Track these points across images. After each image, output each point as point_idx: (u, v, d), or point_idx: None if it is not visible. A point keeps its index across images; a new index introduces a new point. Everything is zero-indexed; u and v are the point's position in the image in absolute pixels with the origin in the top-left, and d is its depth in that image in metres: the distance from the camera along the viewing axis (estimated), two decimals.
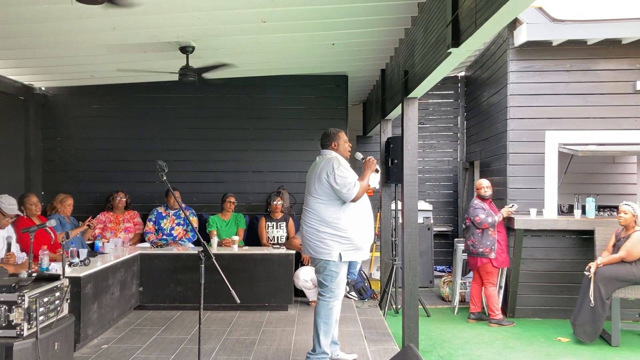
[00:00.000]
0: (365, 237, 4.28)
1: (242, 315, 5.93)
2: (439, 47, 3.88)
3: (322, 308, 4.22)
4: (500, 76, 7.27)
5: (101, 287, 5.08)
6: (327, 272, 4.20)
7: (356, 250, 4.23)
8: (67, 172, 7.68)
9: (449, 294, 7.66)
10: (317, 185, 4.22)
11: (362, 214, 4.28)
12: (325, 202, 4.19)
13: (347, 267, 4.32)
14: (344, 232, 4.16)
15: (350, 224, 4.18)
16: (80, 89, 7.68)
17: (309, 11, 4.85)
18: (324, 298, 4.23)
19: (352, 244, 4.19)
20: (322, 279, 4.24)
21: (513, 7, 2.71)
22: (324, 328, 4.20)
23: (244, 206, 7.55)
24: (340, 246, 4.16)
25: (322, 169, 4.22)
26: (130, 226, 6.94)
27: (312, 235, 4.23)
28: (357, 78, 7.82)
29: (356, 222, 4.21)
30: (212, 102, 7.75)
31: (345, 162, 4.32)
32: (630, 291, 5.69)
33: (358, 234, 4.21)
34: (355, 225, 4.20)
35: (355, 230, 4.20)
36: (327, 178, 4.15)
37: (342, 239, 4.16)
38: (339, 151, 4.40)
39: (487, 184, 6.70)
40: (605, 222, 6.38)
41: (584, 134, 6.75)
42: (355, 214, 4.22)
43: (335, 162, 4.21)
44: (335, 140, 4.40)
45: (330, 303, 4.22)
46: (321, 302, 4.24)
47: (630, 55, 6.75)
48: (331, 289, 4.21)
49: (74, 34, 5.28)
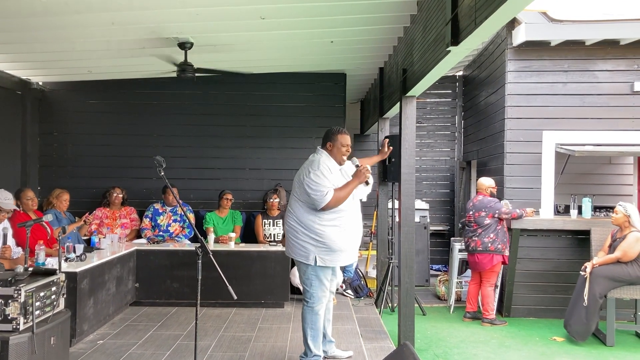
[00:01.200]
0: (345, 242, 4.08)
1: (238, 312, 5.93)
2: (438, 46, 3.88)
3: (307, 313, 4.12)
4: (498, 76, 7.28)
5: (97, 283, 5.08)
6: (307, 275, 4.09)
7: (333, 255, 4.04)
8: (64, 168, 7.66)
9: (445, 293, 7.67)
10: (297, 186, 4.12)
11: (343, 218, 4.07)
12: (303, 203, 4.06)
13: (329, 271, 4.17)
14: (320, 236, 4.00)
15: (327, 228, 4.01)
16: (78, 84, 7.65)
17: (308, 8, 4.85)
18: (308, 303, 4.12)
19: (328, 249, 4.01)
20: (303, 282, 4.15)
21: (513, 6, 2.70)
22: (311, 333, 4.13)
23: (241, 203, 7.54)
24: (316, 250, 4.01)
25: (301, 171, 4.12)
26: (126, 222, 6.93)
27: (291, 235, 4.13)
28: (356, 76, 7.82)
29: (334, 226, 4.03)
30: (209, 98, 7.74)
31: (330, 165, 4.11)
32: (626, 291, 5.71)
33: (335, 239, 4.02)
34: (333, 230, 4.02)
35: (333, 235, 4.01)
36: (302, 181, 4.03)
37: (318, 242, 4.01)
38: (333, 153, 4.17)
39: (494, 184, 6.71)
40: (602, 222, 6.40)
41: (581, 135, 6.77)
42: (335, 218, 4.03)
43: (314, 165, 4.05)
44: (331, 140, 4.17)
45: (314, 308, 4.11)
46: (305, 308, 4.14)
47: (628, 56, 6.77)
48: (312, 293, 4.10)
49: (71, 29, 5.25)
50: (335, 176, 4.09)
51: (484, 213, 6.45)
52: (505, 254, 6.45)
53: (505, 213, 6.37)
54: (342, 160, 4.21)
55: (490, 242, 6.39)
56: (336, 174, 4.12)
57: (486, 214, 6.43)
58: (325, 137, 4.25)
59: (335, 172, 4.12)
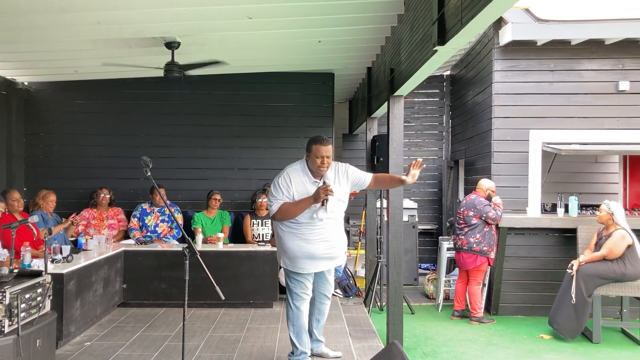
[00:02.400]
0: (303, 251, 4.01)
1: (227, 313, 5.91)
2: (425, 45, 3.89)
3: (288, 310, 4.23)
4: (485, 75, 7.31)
5: (84, 284, 5.04)
6: (287, 274, 4.21)
7: (292, 261, 4.06)
8: (50, 168, 7.60)
9: (434, 292, 7.70)
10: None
11: (303, 228, 4.01)
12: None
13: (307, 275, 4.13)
14: (281, 241, 4.13)
15: (285, 235, 4.05)
16: (64, 84, 7.59)
17: (296, 8, 4.84)
18: (289, 300, 4.21)
19: (287, 255, 4.09)
20: (285, 280, 4.28)
21: (499, 5, 2.72)
22: (293, 329, 4.20)
23: (229, 203, 7.52)
24: (282, 254, 4.17)
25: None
26: (114, 223, 6.89)
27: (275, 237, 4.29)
28: (344, 76, 7.83)
29: (292, 234, 4.02)
30: (197, 98, 7.71)
31: (295, 176, 4.02)
32: (611, 289, 5.76)
33: (292, 247, 4.02)
34: (291, 238, 4.02)
35: (290, 242, 4.03)
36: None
37: (281, 247, 4.15)
38: (309, 163, 4.05)
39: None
40: (588, 220, 6.46)
41: (567, 134, 6.82)
42: (295, 228, 4.01)
43: (281, 174, 4.07)
44: (307, 150, 4.03)
45: (294, 305, 4.17)
46: (287, 305, 4.25)
47: (613, 55, 6.83)
48: (291, 290, 4.18)
49: (57, 28, 5.21)
50: (300, 188, 3.99)
51: (472, 213, 6.48)
52: (491, 257, 6.48)
53: (491, 218, 6.40)
54: (317, 171, 4.01)
55: (475, 243, 6.42)
56: (302, 186, 4.01)
57: (474, 214, 6.46)
58: (306, 146, 4.08)
59: (301, 185, 4.01)
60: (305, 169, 4.07)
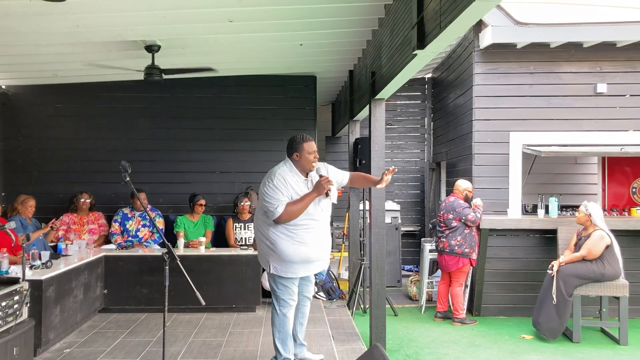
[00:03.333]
0: (298, 255, 4.00)
1: (209, 317, 5.88)
2: (405, 49, 3.91)
3: (274, 316, 4.18)
4: (466, 78, 7.37)
5: (64, 290, 4.98)
6: (273, 280, 4.15)
7: (285, 266, 4.02)
8: (29, 173, 7.50)
9: (416, 293, 7.73)
10: (260, 196, 4.13)
11: (299, 230, 4.00)
12: (263, 214, 4.07)
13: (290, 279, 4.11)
14: (274, 245, 4.00)
15: (279, 239, 3.98)
16: (43, 88, 7.51)
17: (277, 11, 4.84)
18: (275, 307, 4.17)
19: (281, 259, 4.01)
20: (270, 286, 4.21)
21: (476, 10, 2.74)
22: (278, 336, 4.17)
23: (211, 207, 7.48)
24: (271, 259, 4.05)
25: (263, 179, 4.08)
26: (94, 228, 6.82)
27: (258, 240, 4.20)
28: (326, 79, 7.84)
29: (288, 238, 3.99)
30: (178, 101, 7.67)
31: (287, 177, 4.00)
32: (591, 289, 5.83)
33: (287, 251, 3.98)
34: (285, 242, 3.98)
35: (284, 246, 3.98)
36: (260, 190, 4.05)
37: (273, 252, 4.02)
38: (300, 163, 4.05)
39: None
40: (568, 221, 6.52)
41: (547, 135, 6.90)
42: (290, 230, 3.99)
43: (271, 176, 3.99)
44: (297, 150, 4.04)
45: (280, 311, 4.14)
46: (272, 310, 4.20)
47: (591, 58, 6.92)
48: (278, 296, 4.14)
49: (35, 32, 5.15)
50: (296, 187, 4.00)
51: (452, 216, 6.52)
52: (473, 258, 6.52)
53: (471, 221, 6.44)
54: (312, 168, 4.08)
55: (457, 245, 6.46)
56: (297, 185, 4.02)
57: (453, 217, 6.50)
58: (290, 147, 4.10)
59: (295, 184, 4.01)
60: (293, 169, 4.07)
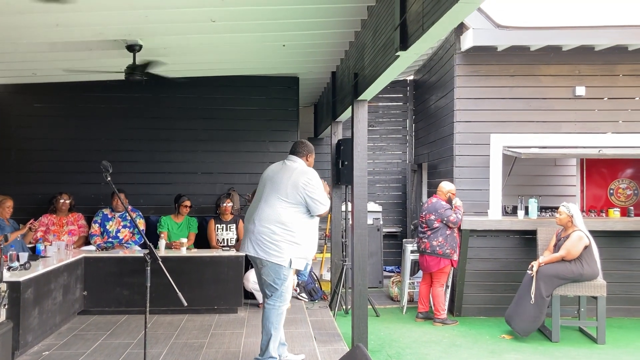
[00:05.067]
0: (312, 247, 4.35)
1: (191, 319, 5.84)
2: (387, 50, 3.93)
3: (273, 313, 4.16)
4: (447, 80, 7.43)
5: (43, 292, 4.91)
6: (279, 276, 4.14)
7: (303, 258, 4.26)
8: (8, 173, 7.38)
9: (398, 294, 7.76)
10: (289, 190, 4.13)
11: (313, 224, 4.32)
12: (293, 207, 4.14)
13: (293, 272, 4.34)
14: (298, 238, 4.14)
15: (303, 232, 4.19)
16: (22, 87, 7.40)
17: (259, 11, 4.83)
18: (275, 303, 4.16)
19: (302, 252, 4.19)
20: (272, 282, 4.15)
21: (458, 12, 2.77)
22: (274, 333, 4.16)
23: (193, 208, 7.43)
24: (292, 252, 4.12)
25: (298, 177, 4.18)
26: (74, 229, 6.74)
27: (265, 235, 4.11)
28: (308, 80, 7.84)
29: (308, 231, 4.25)
30: (160, 101, 7.62)
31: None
32: (570, 289, 5.91)
33: (308, 243, 4.25)
34: (307, 235, 4.24)
35: (306, 239, 4.22)
36: (305, 187, 4.13)
37: (295, 245, 4.12)
38: (309, 163, 4.45)
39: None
40: (547, 222, 6.61)
41: (527, 137, 6.99)
42: (309, 224, 4.26)
43: (311, 173, 4.26)
44: (311, 153, 4.49)
45: (280, 308, 4.18)
46: (272, 309, 4.16)
47: (570, 61, 7.03)
48: (281, 292, 4.16)
49: (13, 30, 5.08)
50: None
51: (434, 217, 6.57)
52: (454, 259, 6.58)
53: (452, 222, 6.49)
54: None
55: (438, 246, 6.51)
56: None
57: (435, 218, 6.55)
58: (304, 147, 4.47)
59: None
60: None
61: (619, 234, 6.80)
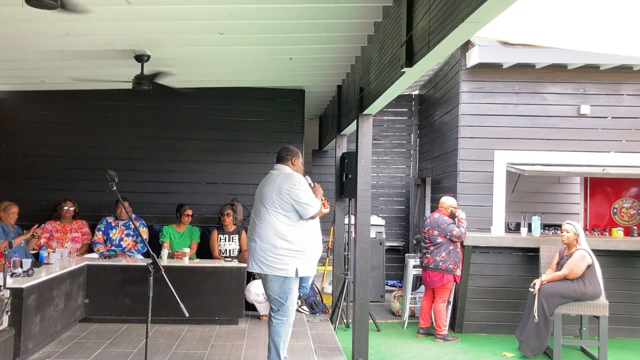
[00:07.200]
0: (317, 250, 4.34)
1: (191, 329, 5.84)
2: (393, 66, 3.97)
3: (281, 327, 4.18)
4: (452, 96, 7.46)
5: (45, 299, 4.92)
6: (283, 289, 4.15)
7: (310, 263, 4.26)
8: (13, 179, 7.42)
9: (399, 309, 7.74)
10: (275, 199, 4.15)
11: (312, 227, 4.33)
12: (283, 215, 4.15)
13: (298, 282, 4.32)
14: (299, 245, 4.16)
15: (303, 239, 4.20)
16: (30, 94, 7.46)
17: (267, 25, 4.88)
18: (282, 318, 4.18)
19: (307, 257, 4.20)
20: (278, 296, 4.17)
21: (464, 31, 2.80)
22: (282, 346, 4.20)
23: (196, 218, 7.45)
24: (296, 261, 4.13)
25: (281, 183, 4.18)
26: (77, 236, 6.76)
27: (267, 252, 4.13)
28: (314, 93, 7.88)
29: (308, 235, 4.26)
30: (166, 111, 7.66)
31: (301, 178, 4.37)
32: (572, 307, 5.88)
33: (311, 247, 4.25)
34: (308, 239, 4.24)
35: (308, 243, 4.23)
36: (289, 192, 4.12)
37: (298, 253, 4.14)
38: (296, 167, 4.44)
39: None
40: (550, 240, 6.59)
41: (531, 155, 6.99)
42: (307, 228, 4.27)
43: (296, 177, 4.25)
44: (296, 156, 4.44)
45: (288, 320, 4.21)
46: (279, 323, 4.18)
47: (575, 80, 7.05)
48: (287, 306, 4.18)
49: (24, 38, 5.14)
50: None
51: (437, 232, 6.56)
52: (457, 274, 6.56)
53: (456, 236, 6.48)
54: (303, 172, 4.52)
55: (441, 261, 6.49)
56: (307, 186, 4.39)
57: (439, 233, 6.54)
58: (288, 153, 4.45)
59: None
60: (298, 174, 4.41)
61: (622, 253, 6.77)
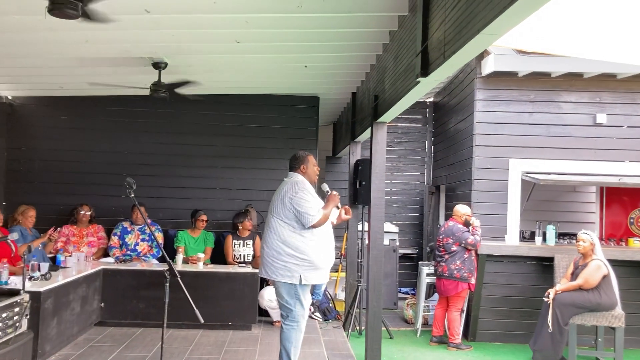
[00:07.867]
0: (326, 258, 4.30)
1: (205, 334, 5.87)
2: (408, 75, 3.98)
3: (292, 333, 4.20)
4: (467, 104, 7.45)
5: (61, 302, 4.99)
6: (290, 296, 4.18)
7: (316, 272, 4.22)
8: (31, 183, 7.53)
9: (412, 317, 7.72)
10: (280, 207, 4.21)
11: (322, 235, 4.28)
12: (288, 224, 4.18)
13: (309, 288, 4.32)
14: (304, 254, 4.15)
15: (310, 246, 4.18)
16: (49, 100, 7.58)
17: (283, 34, 4.92)
18: (292, 324, 4.20)
19: (313, 266, 4.17)
20: (286, 302, 4.20)
21: (480, 42, 2.81)
22: (294, 352, 4.21)
23: (211, 223, 7.50)
24: (301, 269, 4.14)
25: (286, 192, 4.23)
26: (94, 240, 6.84)
27: (273, 257, 4.19)
28: (329, 100, 7.91)
29: (316, 244, 4.22)
30: (182, 117, 7.73)
31: (310, 187, 4.36)
32: (587, 318, 5.83)
33: (318, 256, 4.21)
34: (316, 247, 4.20)
35: (315, 252, 4.20)
36: (291, 201, 4.16)
37: (303, 261, 4.14)
38: (307, 174, 4.42)
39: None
40: (565, 249, 6.55)
41: (546, 163, 6.95)
42: (316, 236, 4.23)
43: (299, 186, 4.25)
44: (304, 163, 4.41)
45: (299, 325, 4.22)
46: (290, 329, 4.20)
47: (591, 89, 7.01)
48: (297, 312, 4.19)
49: (45, 45, 5.23)
50: (315, 195, 4.33)
51: (451, 240, 6.54)
52: (472, 282, 6.53)
53: (470, 244, 6.46)
54: (316, 179, 4.49)
55: (456, 270, 6.47)
56: (314, 193, 4.34)
57: (453, 241, 6.52)
58: (295, 162, 4.45)
59: (313, 192, 4.35)
60: (305, 180, 4.38)
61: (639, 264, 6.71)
